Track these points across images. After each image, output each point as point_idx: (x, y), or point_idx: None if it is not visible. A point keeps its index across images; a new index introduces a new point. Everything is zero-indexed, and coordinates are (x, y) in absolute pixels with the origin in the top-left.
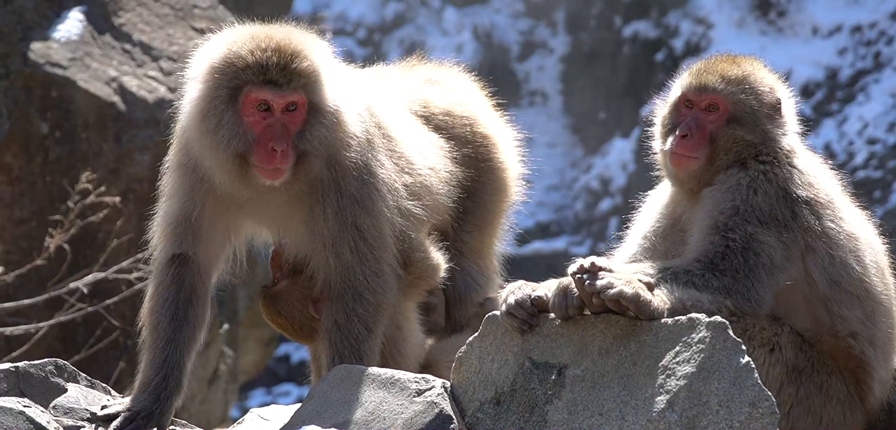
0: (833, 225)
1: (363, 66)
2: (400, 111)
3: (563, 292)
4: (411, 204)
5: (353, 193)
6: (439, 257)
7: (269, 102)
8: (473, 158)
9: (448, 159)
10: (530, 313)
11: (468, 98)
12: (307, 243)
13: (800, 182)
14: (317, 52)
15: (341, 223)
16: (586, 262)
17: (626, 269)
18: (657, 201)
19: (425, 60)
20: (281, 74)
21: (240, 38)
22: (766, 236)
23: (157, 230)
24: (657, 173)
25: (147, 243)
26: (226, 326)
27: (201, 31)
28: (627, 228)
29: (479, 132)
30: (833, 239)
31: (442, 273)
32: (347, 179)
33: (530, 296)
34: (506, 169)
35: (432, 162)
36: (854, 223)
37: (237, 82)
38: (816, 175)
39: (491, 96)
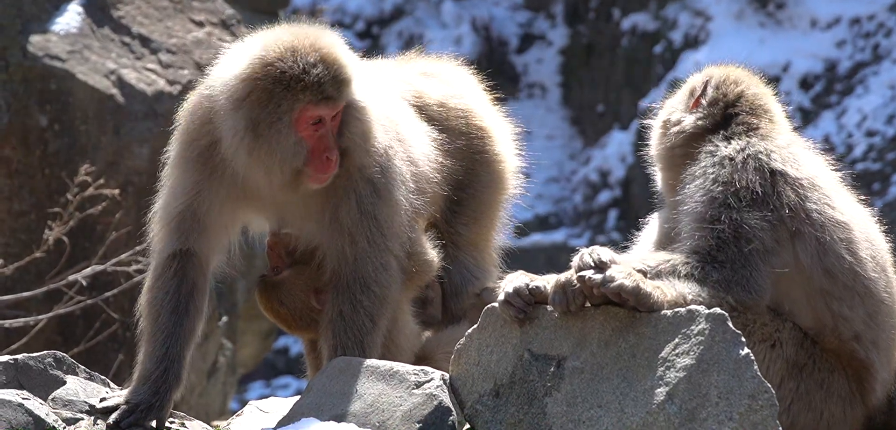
0: (815, 207)
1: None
2: (401, 102)
3: (563, 288)
4: (416, 198)
5: (375, 181)
6: (434, 254)
7: (323, 115)
8: (468, 150)
9: (439, 151)
10: (527, 301)
11: (464, 90)
12: (324, 232)
13: (778, 158)
14: (347, 52)
15: (362, 211)
16: (592, 256)
17: (627, 261)
18: (657, 217)
19: (422, 54)
20: (335, 90)
21: (282, 53)
22: (751, 219)
23: (159, 225)
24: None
25: (146, 235)
26: (224, 318)
27: (200, 24)
28: (624, 221)
29: (475, 124)
30: (816, 221)
31: (436, 270)
32: (372, 169)
33: (528, 285)
34: (502, 161)
35: (428, 152)
36: (849, 215)
37: (295, 103)
38: (799, 157)
39: (488, 89)
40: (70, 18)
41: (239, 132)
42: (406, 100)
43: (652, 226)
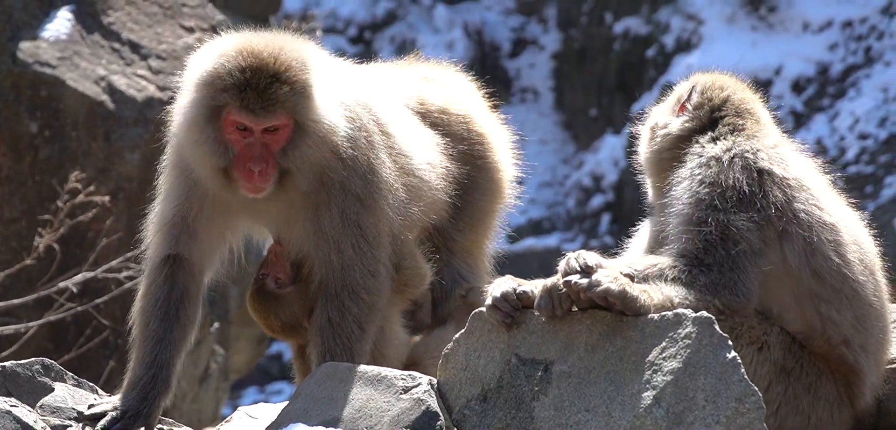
0: (803, 207)
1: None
2: (398, 108)
3: (549, 292)
4: (409, 206)
5: (357, 192)
6: (427, 268)
7: (247, 124)
8: (468, 155)
9: (444, 156)
10: (514, 306)
11: (464, 96)
12: (310, 241)
13: (765, 157)
14: (305, 66)
15: (345, 220)
16: (579, 261)
17: (613, 265)
18: (646, 224)
19: (421, 59)
20: (258, 101)
21: (227, 52)
22: (738, 220)
23: (152, 229)
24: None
25: (137, 242)
26: (216, 324)
27: (190, 30)
28: (617, 225)
29: (475, 131)
30: (803, 222)
31: (427, 284)
32: (352, 178)
33: (515, 290)
34: (500, 170)
35: (430, 158)
36: (837, 216)
37: (217, 102)
38: (786, 157)
39: (484, 95)
40: (60, 25)
41: (179, 120)
42: (408, 105)
43: (642, 233)
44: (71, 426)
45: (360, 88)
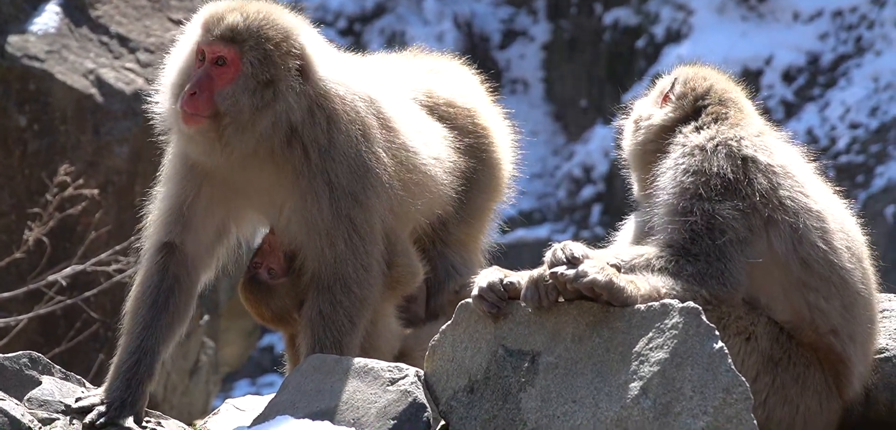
0: (788, 194)
1: None
2: (405, 102)
3: (536, 283)
4: (409, 202)
5: (345, 185)
6: (420, 265)
7: (203, 49)
8: (474, 148)
9: (452, 149)
10: (500, 296)
11: (470, 90)
12: (303, 232)
13: (749, 145)
14: (280, 28)
15: (336, 214)
16: (565, 252)
17: (600, 256)
18: (632, 219)
19: (425, 51)
20: (214, 23)
21: None
22: (724, 209)
23: (150, 217)
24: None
25: (126, 234)
26: (206, 317)
27: (178, 23)
28: (608, 215)
29: (480, 124)
30: (789, 208)
31: (419, 281)
32: (338, 170)
33: (502, 280)
34: (501, 166)
35: (437, 152)
36: (823, 204)
37: (193, 33)
38: (770, 145)
39: (487, 89)
40: (48, 18)
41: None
42: (415, 96)
43: (628, 228)
44: (58, 419)
45: (363, 82)
